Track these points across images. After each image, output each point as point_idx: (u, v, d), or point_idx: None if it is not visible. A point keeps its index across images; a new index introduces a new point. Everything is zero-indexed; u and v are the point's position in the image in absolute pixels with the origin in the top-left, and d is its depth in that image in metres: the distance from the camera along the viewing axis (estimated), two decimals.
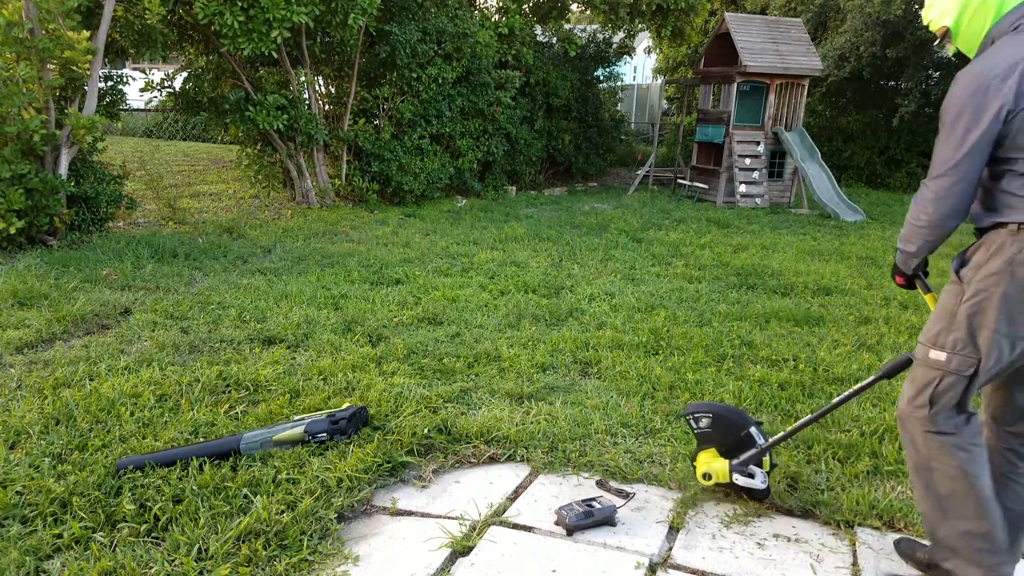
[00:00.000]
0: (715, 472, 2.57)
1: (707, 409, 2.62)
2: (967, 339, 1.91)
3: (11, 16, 5.85)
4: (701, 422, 2.63)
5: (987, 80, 1.83)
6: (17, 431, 3.00)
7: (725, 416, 2.59)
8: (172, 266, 6.02)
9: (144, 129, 16.83)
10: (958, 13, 1.99)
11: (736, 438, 2.56)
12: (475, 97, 10.93)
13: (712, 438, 2.61)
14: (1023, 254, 1.81)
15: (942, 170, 1.91)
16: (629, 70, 23.18)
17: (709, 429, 2.61)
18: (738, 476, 2.52)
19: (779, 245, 7.88)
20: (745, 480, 2.51)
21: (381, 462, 2.85)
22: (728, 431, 2.58)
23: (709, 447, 2.62)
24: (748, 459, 2.51)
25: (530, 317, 4.90)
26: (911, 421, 2.03)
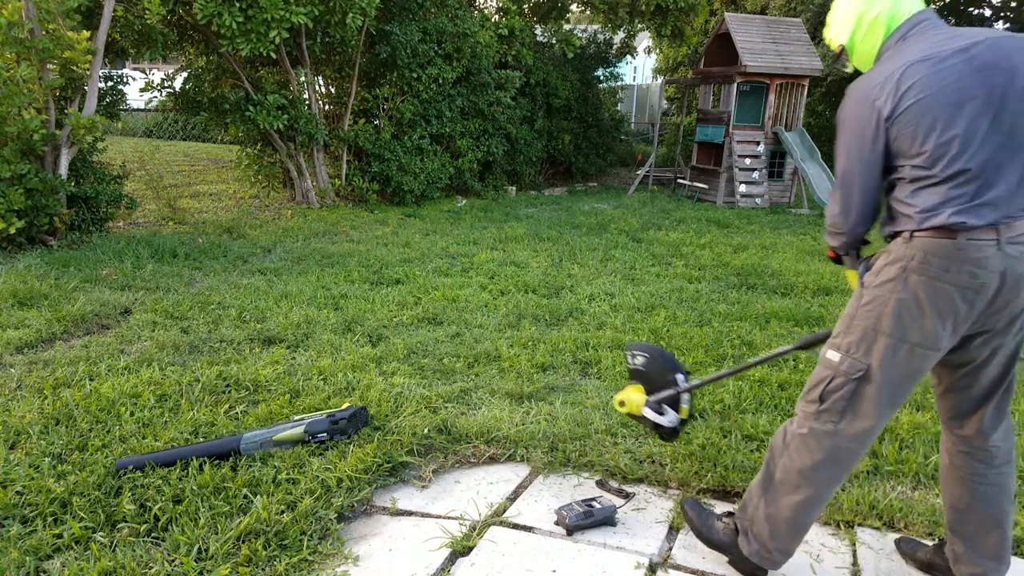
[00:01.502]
0: (630, 402, 2.68)
1: (645, 349, 2.73)
2: (859, 343, 1.93)
3: (11, 16, 5.85)
4: (637, 359, 2.72)
5: (867, 93, 1.88)
6: (17, 431, 2.99)
7: (659, 359, 2.68)
8: (172, 266, 6.02)
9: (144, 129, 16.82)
10: (851, 31, 2.06)
11: (663, 381, 2.65)
12: (475, 97, 10.93)
13: (642, 376, 2.71)
14: (915, 262, 1.83)
15: (839, 182, 1.98)
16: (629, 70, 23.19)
17: (642, 368, 2.71)
18: (648, 410, 2.61)
19: (779, 245, 7.88)
20: (653, 415, 2.60)
21: (381, 462, 2.85)
22: (657, 372, 2.67)
23: (637, 384, 2.73)
24: (663, 398, 2.60)
25: (530, 317, 4.90)
26: (800, 410, 2.09)
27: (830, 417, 1.99)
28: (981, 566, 2.11)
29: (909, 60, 1.85)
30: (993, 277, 1.80)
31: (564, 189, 12.85)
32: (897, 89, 1.83)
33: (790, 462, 2.06)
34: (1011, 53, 1.81)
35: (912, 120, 1.81)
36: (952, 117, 1.79)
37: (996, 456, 2.08)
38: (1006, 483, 2.09)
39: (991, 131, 1.78)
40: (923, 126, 1.80)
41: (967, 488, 2.10)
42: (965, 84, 1.79)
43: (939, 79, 1.80)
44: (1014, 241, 1.80)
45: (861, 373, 1.93)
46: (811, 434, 2.02)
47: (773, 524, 2.10)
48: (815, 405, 2.02)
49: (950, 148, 1.79)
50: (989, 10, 14.26)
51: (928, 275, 1.82)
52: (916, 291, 1.84)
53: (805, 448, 2.03)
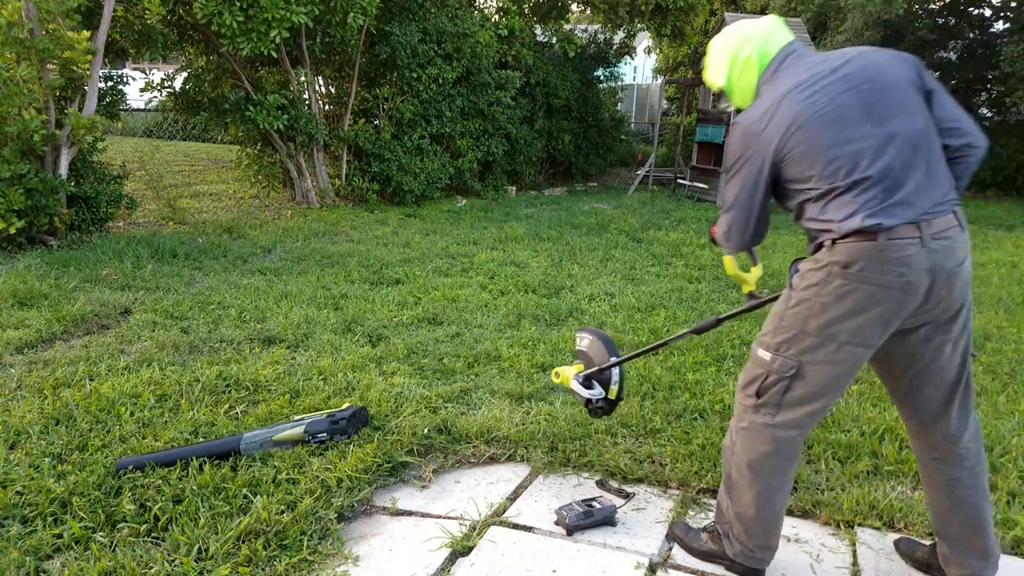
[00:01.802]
0: (563, 374, 2.91)
1: (592, 333, 2.92)
2: (788, 343, 1.98)
3: (11, 16, 5.85)
4: (583, 341, 2.92)
5: (750, 127, 1.96)
6: (17, 431, 2.99)
7: (600, 343, 2.87)
8: (172, 266, 6.02)
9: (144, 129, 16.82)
10: (727, 72, 2.14)
11: (599, 361, 2.84)
12: (475, 97, 10.93)
13: (584, 356, 2.91)
14: (838, 266, 1.87)
15: (727, 207, 2.10)
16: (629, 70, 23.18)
17: (585, 349, 2.91)
18: (575, 384, 2.82)
19: (779, 245, 7.87)
20: (579, 387, 2.81)
21: (381, 462, 2.85)
22: (596, 354, 2.86)
23: (579, 363, 2.93)
24: (590, 374, 2.81)
25: (530, 317, 4.90)
26: (739, 404, 2.14)
27: (768, 411, 2.05)
28: (969, 566, 2.13)
29: (784, 90, 1.93)
30: (922, 275, 1.83)
31: (564, 189, 12.85)
32: (778, 119, 1.91)
33: (740, 458, 2.11)
34: (879, 64, 1.90)
35: (799, 145, 1.88)
36: (838, 133, 1.85)
37: (967, 458, 2.10)
38: (980, 482, 2.11)
39: (880, 138, 1.84)
40: (813, 148, 1.87)
41: (944, 493, 2.12)
42: (841, 101, 1.86)
43: (816, 101, 1.88)
44: (938, 237, 1.83)
45: (793, 371, 1.98)
46: (751, 427, 2.08)
47: (744, 522, 2.14)
48: (752, 399, 2.07)
49: (846, 162, 1.85)
50: (989, 10, 14.23)
51: (851, 277, 1.86)
52: (840, 292, 1.88)
53: (750, 442, 2.08)
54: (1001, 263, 7.21)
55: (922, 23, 13.35)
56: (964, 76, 14.16)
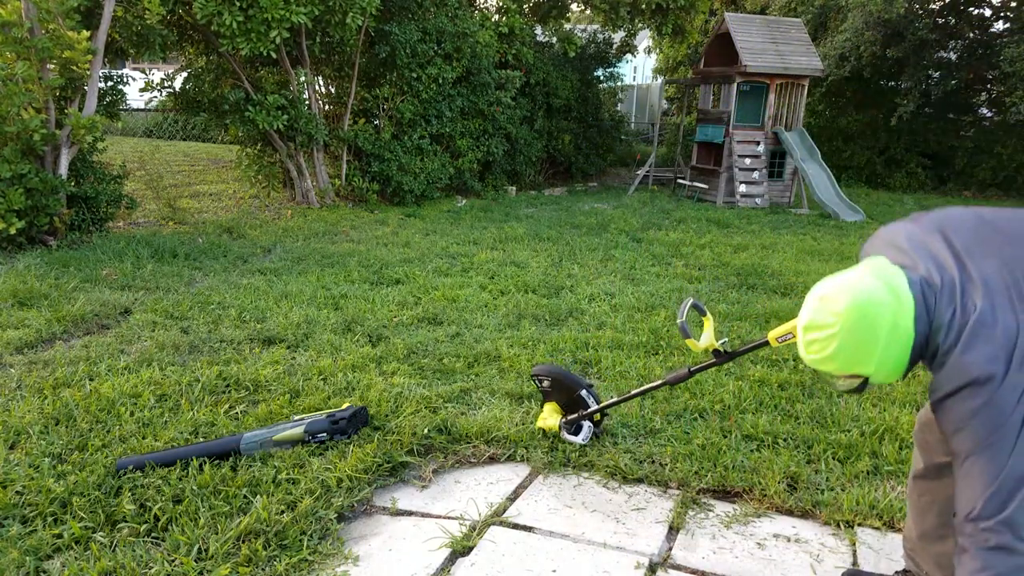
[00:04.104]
0: (548, 427, 3.06)
1: (547, 372, 3.06)
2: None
3: (10, 16, 5.85)
4: (544, 383, 3.07)
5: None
6: (17, 431, 3.00)
7: (561, 379, 3.01)
8: (172, 266, 6.02)
9: (144, 129, 16.83)
10: (877, 361, 1.59)
11: (571, 397, 2.99)
12: (475, 97, 10.93)
13: (552, 396, 3.06)
14: None
15: (1016, 481, 1.46)
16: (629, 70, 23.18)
17: (549, 389, 3.06)
18: (565, 433, 3.00)
19: (779, 245, 7.88)
20: (570, 437, 2.99)
21: (381, 462, 2.85)
22: (564, 391, 3.01)
23: (551, 402, 3.07)
24: (574, 420, 2.96)
25: (530, 317, 4.90)
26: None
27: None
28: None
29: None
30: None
31: (564, 189, 12.84)
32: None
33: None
34: None
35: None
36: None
37: None
38: None
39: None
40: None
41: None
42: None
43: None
44: None
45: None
46: None
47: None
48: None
49: None
50: (989, 10, 14.21)
51: None
52: None
53: None
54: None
55: (922, 23, 13.35)
56: (964, 76, 14.16)
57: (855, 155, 14.93)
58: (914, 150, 14.66)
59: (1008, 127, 13.53)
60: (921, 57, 13.66)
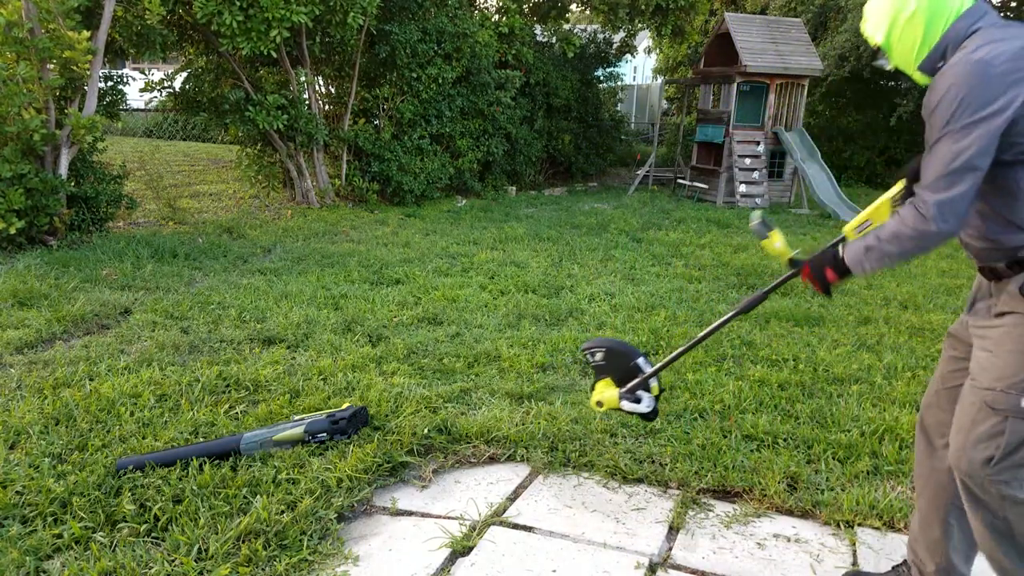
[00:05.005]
0: (606, 400, 2.72)
1: (599, 344, 2.80)
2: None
3: (11, 16, 5.85)
4: (596, 356, 2.79)
5: (1001, 70, 1.66)
6: (17, 431, 2.99)
7: (616, 349, 2.76)
8: (172, 266, 6.02)
9: (144, 129, 16.83)
10: (887, 30, 1.91)
11: (627, 367, 2.73)
12: (475, 97, 10.93)
13: (606, 369, 2.77)
14: None
15: (948, 172, 1.71)
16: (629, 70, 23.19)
17: (603, 362, 2.78)
18: (625, 402, 2.69)
19: None
20: (631, 406, 2.67)
21: (381, 462, 2.85)
22: (619, 362, 2.75)
23: (604, 377, 2.78)
24: (635, 386, 2.67)
25: (530, 317, 4.90)
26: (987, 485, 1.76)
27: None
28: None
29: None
30: None
31: (564, 189, 12.85)
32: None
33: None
34: None
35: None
36: None
37: None
38: None
39: None
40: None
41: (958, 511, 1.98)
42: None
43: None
44: None
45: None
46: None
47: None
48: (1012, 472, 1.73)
49: None
50: None
51: None
52: None
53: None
54: None
55: None
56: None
57: (855, 155, 14.93)
58: (914, 150, 14.60)
59: None
60: None
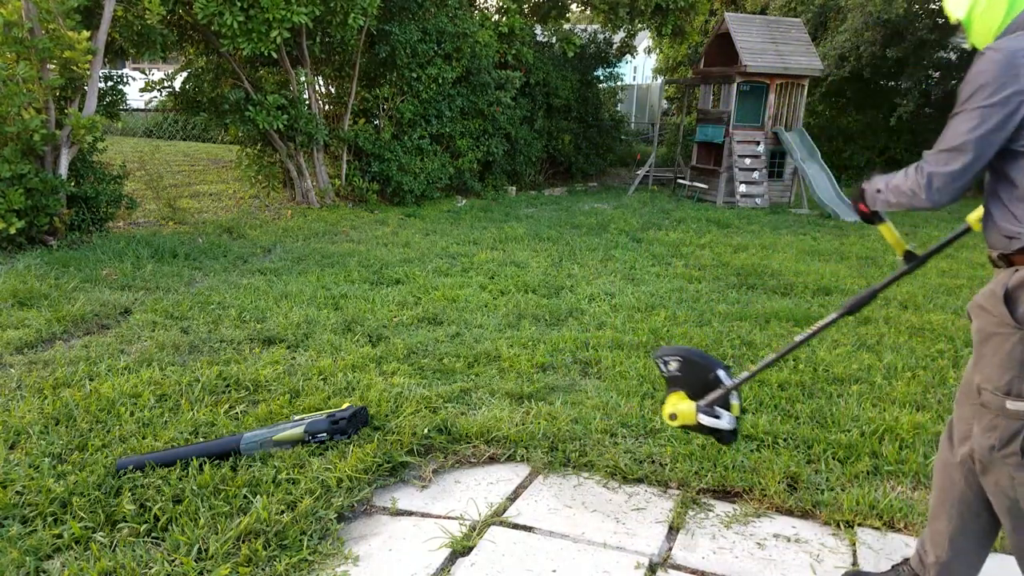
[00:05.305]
0: (681, 413, 2.45)
1: (676, 352, 2.52)
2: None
3: (11, 16, 5.85)
4: (670, 365, 2.51)
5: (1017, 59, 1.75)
6: (17, 431, 3.00)
7: (694, 359, 2.49)
8: (172, 266, 6.02)
9: (144, 129, 16.83)
10: (969, 7, 1.95)
11: (704, 380, 2.44)
12: (475, 97, 10.93)
13: (681, 381, 2.50)
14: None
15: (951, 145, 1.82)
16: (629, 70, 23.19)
17: (678, 372, 2.50)
18: (703, 416, 2.40)
19: (779, 245, 7.87)
20: (711, 420, 2.38)
21: (381, 462, 2.85)
22: (696, 373, 2.47)
23: (678, 390, 2.51)
24: (715, 400, 2.39)
25: (530, 317, 4.90)
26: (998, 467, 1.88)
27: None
28: None
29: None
30: None
31: (564, 189, 12.85)
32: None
33: None
34: None
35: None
36: None
37: None
38: None
39: None
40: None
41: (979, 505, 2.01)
42: None
43: None
44: None
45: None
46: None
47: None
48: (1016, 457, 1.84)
49: None
50: None
51: None
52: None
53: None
54: None
55: (922, 23, 13.36)
56: (964, 76, 14.16)
57: (855, 155, 14.93)
58: (914, 150, 14.65)
59: None
60: (921, 57, 13.66)
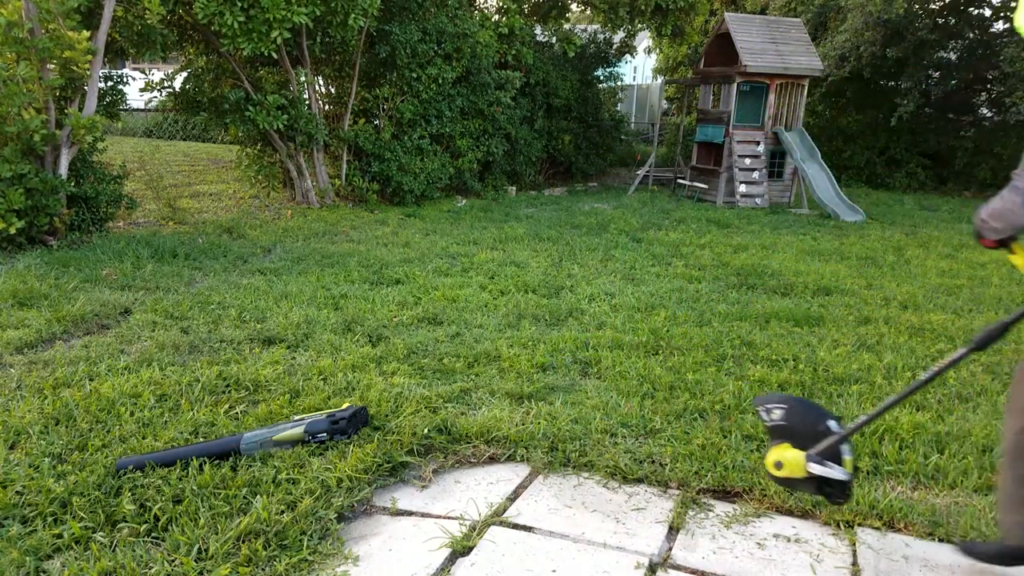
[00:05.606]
0: (787, 462, 2.24)
1: (780, 400, 2.33)
2: None
3: (11, 16, 5.85)
4: (774, 413, 2.32)
5: None
6: (17, 431, 2.99)
7: (799, 408, 2.30)
8: (172, 266, 6.02)
9: (144, 129, 16.84)
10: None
11: (812, 431, 2.24)
12: (475, 97, 10.93)
13: (786, 431, 2.29)
14: None
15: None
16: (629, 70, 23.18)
17: (783, 421, 2.30)
18: (813, 465, 2.19)
19: (779, 245, 7.87)
20: (822, 469, 2.18)
21: (381, 462, 2.85)
22: (803, 422, 2.27)
23: (781, 442, 2.30)
24: (827, 448, 2.18)
25: (530, 317, 4.90)
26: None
27: None
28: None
29: None
30: None
31: (564, 189, 12.85)
32: None
33: None
34: None
35: None
36: None
37: None
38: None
39: None
40: None
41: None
42: None
43: None
44: None
45: None
46: None
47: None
48: None
49: None
50: (989, 10, 14.21)
51: None
52: None
53: None
54: (1001, 263, 7.21)
55: (922, 23, 13.36)
56: (964, 76, 14.17)
57: (855, 155, 14.93)
58: (914, 150, 14.66)
59: (1008, 127, 13.53)
60: (921, 57, 13.65)
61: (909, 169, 14.54)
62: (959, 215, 10.76)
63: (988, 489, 2.78)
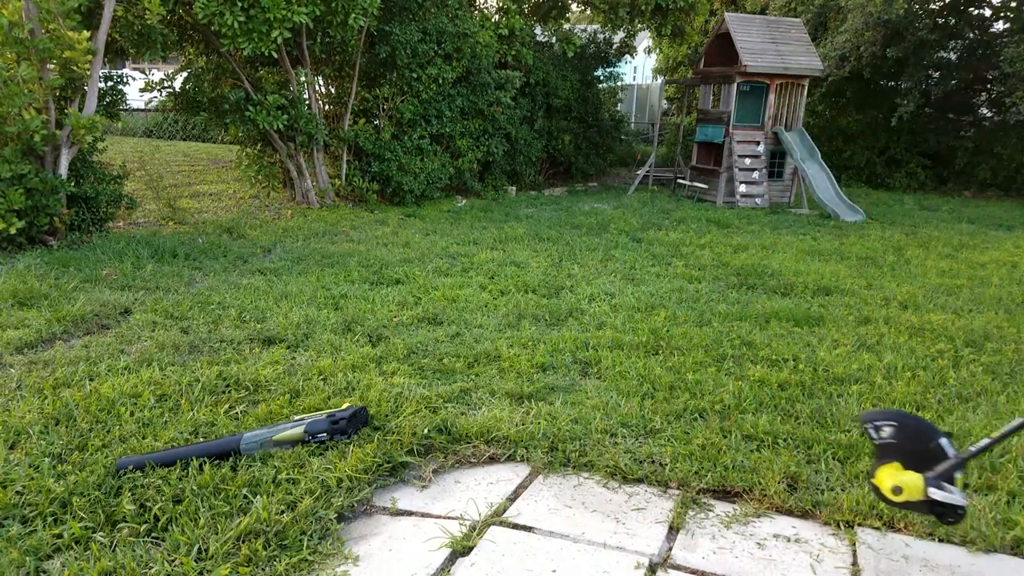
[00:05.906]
0: (907, 486, 2.16)
1: (889, 417, 2.25)
2: None
3: (11, 16, 5.85)
4: (883, 431, 2.25)
5: None
6: (17, 431, 2.99)
7: (910, 424, 2.22)
8: (172, 266, 6.02)
9: (144, 129, 16.84)
10: None
11: (923, 449, 2.17)
12: (475, 97, 10.93)
13: (896, 449, 2.22)
14: None
15: None
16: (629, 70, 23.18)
17: (892, 439, 2.23)
18: (934, 490, 2.12)
19: (779, 245, 7.87)
20: (943, 495, 2.10)
21: (381, 462, 2.85)
22: (914, 442, 2.20)
23: (891, 461, 2.22)
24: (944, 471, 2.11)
25: (530, 317, 4.90)
26: None
27: None
28: None
29: None
30: None
31: (564, 189, 12.85)
32: None
33: None
34: None
35: None
36: None
37: None
38: None
39: None
40: None
41: None
42: None
43: None
44: None
45: None
46: None
47: None
48: None
49: None
50: (989, 10, 14.20)
51: None
52: None
53: None
54: (1001, 263, 7.21)
55: (922, 23, 13.36)
56: (964, 76, 14.17)
57: (855, 155, 14.93)
58: (914, 150, 14.66)
59: (1008, 127, 13.53)
60: (921, 57, 13.65)
61: (909, 169, 14.54)
62: (959, 215, 10.76)
63: (988, 489, 2.78)
